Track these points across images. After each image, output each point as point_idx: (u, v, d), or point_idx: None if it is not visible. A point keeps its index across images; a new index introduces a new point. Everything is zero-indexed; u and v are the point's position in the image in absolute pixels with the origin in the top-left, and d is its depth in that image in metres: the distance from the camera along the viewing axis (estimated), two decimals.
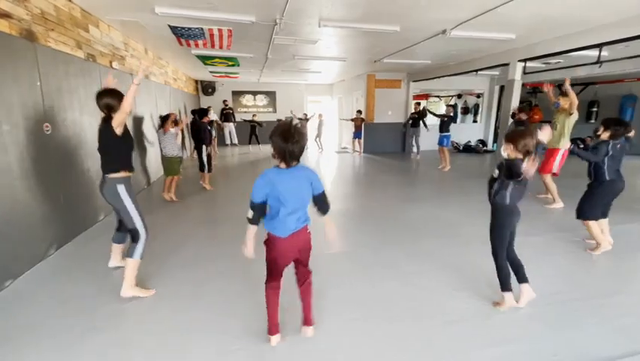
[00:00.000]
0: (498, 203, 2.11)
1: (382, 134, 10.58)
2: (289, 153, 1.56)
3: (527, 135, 1.95)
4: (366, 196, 5.39)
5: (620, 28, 4.48)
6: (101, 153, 2.35)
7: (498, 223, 2.15)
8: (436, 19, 4.61)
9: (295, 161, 1.62)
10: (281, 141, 1.55)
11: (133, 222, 2.38)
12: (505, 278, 2.19)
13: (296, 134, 1.55)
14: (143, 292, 2.42)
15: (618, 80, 9.69)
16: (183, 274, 2.73)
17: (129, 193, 2.37)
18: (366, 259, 3.03)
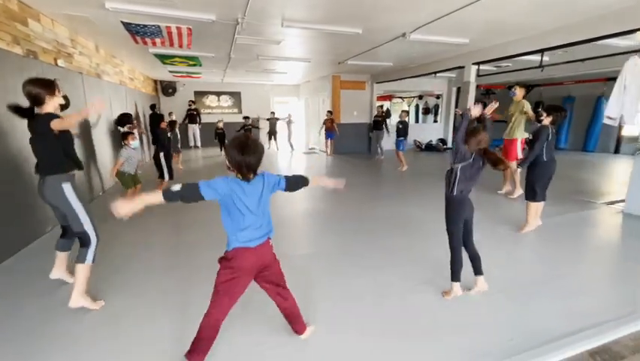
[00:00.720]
0: (449, 195, 2.27)
1: (349, 135, 10.74)
2: (246, 165, 1.51)
3: (479, 134, 2.12)
4: (335, 196, 5.43)
5: (559, 36, 4.92)
6: (37, 151, 2.14)
7: (450, 214, 2.30)
8: (396, 23, 4.77)
9: (252, 173, 1.55)
10: (237, 153, 1.48)
11: (81, 224, 2.19)
12: (456, 269, 2.31)
13: (252, 145, 1.50)
14: (92, 304, 2.23)
15: (559, 83, 10.64)
16: (140, 285, 2.57)
17: (75, 192, 2.19)
18: (335, 258, 3.06)
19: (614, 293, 2.48)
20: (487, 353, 1.80)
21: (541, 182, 3.35)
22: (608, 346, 1.85)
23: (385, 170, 8.01)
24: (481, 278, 2.37)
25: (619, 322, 2.04)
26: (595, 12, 4.26)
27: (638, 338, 1.92)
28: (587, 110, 10.30)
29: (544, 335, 1.94)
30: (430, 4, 3.95)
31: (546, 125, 3.27)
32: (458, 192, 2.22)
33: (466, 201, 2.27)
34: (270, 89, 13.46)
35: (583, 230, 3.78)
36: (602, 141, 10.25)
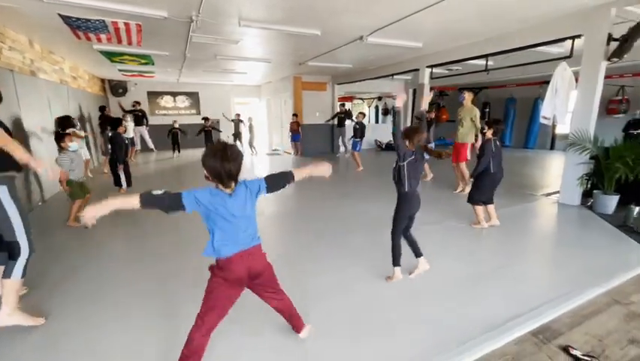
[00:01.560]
0: (399, 191, 2.48)
1: (312, 136, 10.79)
2: (226, 174, 1.41)
3: (420, 132, 2.38)
4: (300, 197, 5.43)
5: (500, 42, 5.34)
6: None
7: (398, 208, 2.50)
8: (353, 26, 4.88)
9: (233, 181, 1.46)
10: (215, 161, 1.39)
11: (14, 233, 1.96)
12: (397, 255, 2.54)
13: (231, 153, 1.41)
14: (30, 320, 2.01)
15: (503, 85, 11.55)
16: (90, 300, 2.37)
17: (13, 198, 1.95)
18: (303, 257, 3.05)
19: (553, 276, 2.74)
20: (443, 342, 1.89)
21: (484, 188, 3.61)
22: (548, 325, 2.04)
23: (348, 169, 8.15)
24: (421, 259, 2.63)
25: (557, 302, 2.26)
26: (530, 22, 4.70)
27: (574, 315, 2.14)
28: (526, 110, 11.29)
29: (494, 320, 2.08)
30: (384, 8, 4.10)
31: (489, 138, 3.51)
32: (409, 187, 2.42)
33: (415, 196, 2.47)
34: (230, 90, 13.11)
35: (526, 221, 4.13)
36: (540, 138, 11.30)
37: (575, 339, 1.91)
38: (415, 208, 2.50)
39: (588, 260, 2.93)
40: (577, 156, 4.34)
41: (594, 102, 4.24)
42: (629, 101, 8.66)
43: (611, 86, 8.73)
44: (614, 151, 4.06)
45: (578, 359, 1.73)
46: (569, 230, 3.82)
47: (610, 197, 4.11)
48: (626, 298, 2.33)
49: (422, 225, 3.75)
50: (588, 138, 4.23)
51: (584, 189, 4.47)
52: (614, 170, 4.01)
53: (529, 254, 3.20)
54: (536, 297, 2.33)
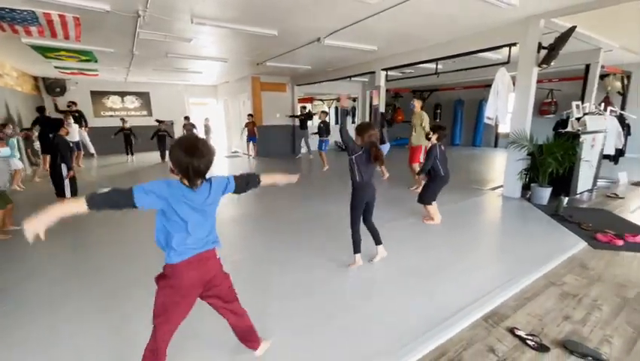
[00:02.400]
0: (354, 181, 2.61)
1: (273, 137, 10.67)
2: (194, 170, 1.31)
3: (371, 129, 2.54)
4: (262, 199, 5.33)
5: (449, 47, 5.70)
6: None
7: (353, 197, 2.65)
8: (310, 27, 4.91)
9: (201, 179, 1.37)
10: (184, 155, 1.29)
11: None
12: (356, 243, 2.71)
13: (203, 148, 1.33)
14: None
15: (452, 88, 12.35)
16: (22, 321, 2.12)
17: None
18: (265, 260, 2.99)
19: (499, 264, 2.97)
20: (406, 332, 1.96)
21: (433, 190, 3.84)
22: (496, 309, 2.21)
23: (312, 170, 8.18)
24: (380, 247, 2.83)
25: (503, 287, 2.45)
26: (473, 30, 5.07)
27: (518, 299, 2.34)
28: (473, 111, 12.18)
29: (449, 308, 2.21)
30: (339, 12, 4.18)
31: (434, 143, 3.73)
32: (360, 178, 2.57)
33: (368, 186, 2.62)
34: (185, 90, 12.51)
35: (475, 214, 4.44)
36: (485, 137, 12.25)
37: (519, 321, 2.09)
38: (369, 197, 2.66)
39: (528, 247, 3.23)
40: (516, 152, 4.77)
41: (529, 104, 4.69)
42: (557, 103, 9.71)
43: (543, 89, 9.72)
44: (547, 148, 4.52)
45: (522, 338, 1.89)
46: (512, 221, 4.18)
47: (544, 189, 4.57)
48: (560, 280, 2.60)
49: (384, 222, 3.88)
50: (525, 136, 4.67)
51: (523, 182, 4.92)
52: (546, 165, 4.46)
53: (479, 244, 3.45)
54: (486, 284, 2.51)
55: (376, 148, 2.49)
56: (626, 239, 3.26)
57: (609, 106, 6.23)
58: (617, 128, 5.81)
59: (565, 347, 1.83)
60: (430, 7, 4.03)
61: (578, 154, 4.55)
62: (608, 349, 1.84)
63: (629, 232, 3.38)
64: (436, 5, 3.96)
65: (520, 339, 1.90)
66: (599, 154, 5.27)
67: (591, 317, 2.12)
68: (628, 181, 5.86)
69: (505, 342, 1.89)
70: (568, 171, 4.58)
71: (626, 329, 2.01)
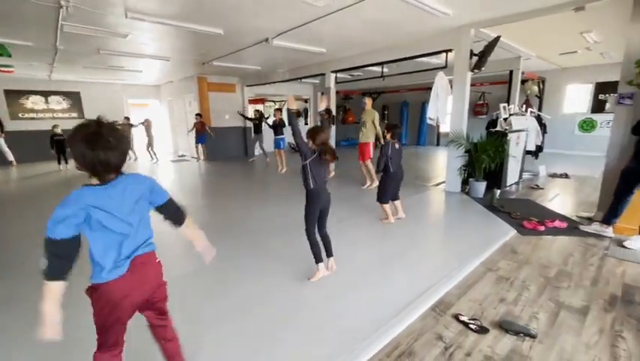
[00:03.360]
0: (306, 188, 2.54)
1: (223, 139, 10.29)
2: (102, 165, 1.12)
3: (322, 132, 2.48)
4: (214, 205, 5.10)
5: (393, 51, 5.98)
6: None
7: (307, 205, 2.56)
8: (258, 27, 4.81)
9: (113, 174, 1.18)
10: (86, 147, 1.09)
11: None
12: (317, 252, 2.60)
13: (110, 136, 1.12)
14: None
15: (397, 91, 13.01)
16: None
17: None
18: (219, 271, 2.84)
19: (444, 255, 3.19)
20: (358, 331, 2.01)
21: (388, 187, 3.97)
22: (443, 298, 2.37)
23: (267, 172, 8.04)
24: (331, 259, 2.72)
25: (448, 277, 2.63)
26: (413, 36, 5.38)
27: (461, 287, 2.53)
28: (417, 112, 12.96)
29: (401, 302, 2.31)
30: (286, 13, 4.16)
31: (388, 141, 3.89)
32: (314, 183, 2.49)
33: (323, 192, 2.55)
34: (122, 90, 11.51)
35: (422, 209, 4.72)
36: (428, 136, 13.11)
37: (463, 307, 2.26)
38: (324, 204, 2.58)
39: (468, 237, 3.51)
40: (455, 150, 5.17)
41: (465, 106, 5.11)
42: (489, 105, 10.74)
43: (476, 92, 10.68)
44: (481, 146, 4.97)
45: (465, 323, 2.05)
46: (453, 214, 4.52)
47: (480, 183, 5.02)
48: (495, 266, 2.87)
49: (336, 222, 3.95)
50: (462, 135, 5.09)
51: (462, 178, 5.35)
52: (481, 161, 4.90)
53: (426, 238, 3.67)
54: (433, 275, 2.67)
55: (328, 145, 2.48)
56: (547, 225, 3.70)
57: (529, 107, 7.05)
58: (536, 127, 6.61)
59: (501, 327, 2.01)
60: (371, 14, 4.19)
61: (506, 151, 5.07)
62: (536, 324, 2.07)
63: (549, 218, 3.85)
64: (377, 12, 4.12)
65: (463, 324, 2.05)
66: (522, 150, 5.93)
67: (521, 297, 2.37)
68: (546, 173, 6.69)
69: (451, 329, 2.03)
70: (498, 166, 5.08)
71: (549, 305, 2.27)
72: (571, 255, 3.06)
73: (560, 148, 9.66)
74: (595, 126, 9.21)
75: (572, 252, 3.12)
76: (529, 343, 1.89)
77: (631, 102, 3.57)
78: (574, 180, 6.30)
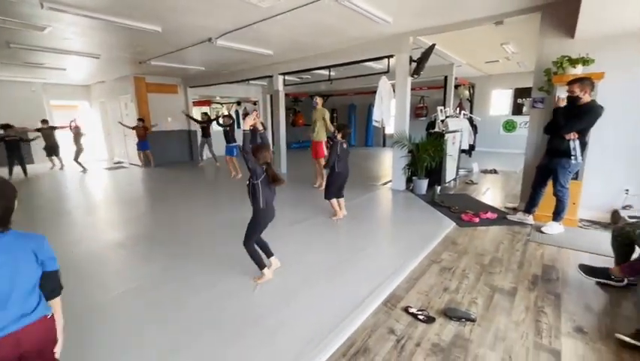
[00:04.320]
0: (255, 207, 2.51)
1: (166, 143, 9.64)
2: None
3: (265, 150, 2.43)
4: (156, 215, 4.73)
5: (339, 55, 6.13)
6: None
7: (254, 223, 2.55)
8: (200, 26, 4.60)
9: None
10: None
11: None
12: (258, 260, 2.61)
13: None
14: None
15: (345, 94, 13.39)
16: None
17: None
18: (162, 286, 2.64)
19: (393, 251, 3.35)
20: (314, 333, 2.02)
21: (334, 186, 4.09)
22: (393, 293, 2.48)
23: (217, 178, 7.69)
24: (273, 258, 2.75)
25: (397, 272, 2.77)
26: (357, 41, 5.58)
27: (409, 280, 2.67)
28: (364, 115, 13.47)
29: (355, 299, 2.37)
30: (229, 13, 4.04)
31: (338, 140, 3.99)
32: (264, 203, 2.47)
33: (270, 211, 2.56)
34: (43, 90, 10.15)
35: (371, 207, 4.90)
36: (375, 138, 13.70)
37: (411, 299, 2.39)
38: (270, 219, 2.61)
39: (414, 232, 3.73)
40: (399, 151, 5.48)
41: (406, 108, 5.44)
42: (428, 108, 11.56)
43: (416, 96, 11.42)
44: (422, 146, 5.33)
45: (414, 315, 2.17)
46: (400, 211, 4.78)
47: (422, 181, 5.38)
48: (439, 257, 3.09)
49: (290, 225, 3.92)
50: (405, 136, 5.40)
51: (406, 176, 5.67)
52: (422, 160, 5.25)
53: (376, 236, 3.81)
54: (383, 271, 2.79)
55: (271, 169, 2.45)
56: (481, 216, 4.09)
57: (462, 110, 7.74)
58: (469, 128, 7.28)
59: (446, 315, 2.17)
60: (317, 18, 4.26)
61: (444, 150, 5.49)
62: (475, 308, 2.26)
63: (482, 211, 4.25)
64: (322, 16, 4.20)
65: (413, 316, 2.17)
66: (458, 149, 6.48)
67: (462, 285, 2.58)
68: (479, 170, 7.40)
69: (401, 321, 2.13)
70: (438, 165, 5.48)
71: (485, 290, 2.51)
72: (501, 242, 3.41)
73: (488, 147, 10.75)
74: (515, 127, 10.43)
75: (502, 240, 3.48)
76: (469, 327, 2.07)
77: (542, 106, 4.10)
78: (501, 175, 7.06)
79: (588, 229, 3.71)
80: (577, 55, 3.63)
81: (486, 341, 1.94)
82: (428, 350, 1.86)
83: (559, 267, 2.86)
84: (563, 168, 3.42)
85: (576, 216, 3.79)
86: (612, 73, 3.52)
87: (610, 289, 2.47)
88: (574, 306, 2.28)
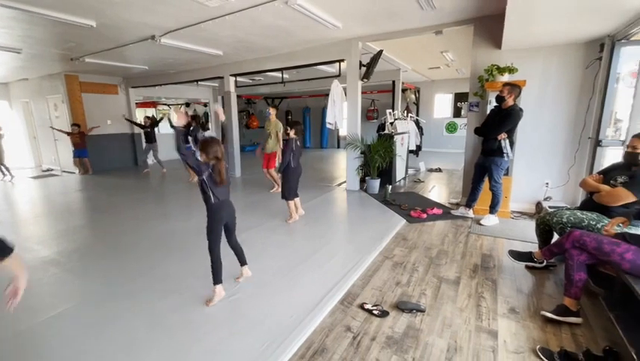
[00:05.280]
0: (207, 204, 2.36)
1: (106, 148, 8.85)
2: None
3: (215, 144, 2.30)
4: (94, 227, 4.32)
5: (292, 58, 6.14)
6: None
7: (210, 220, 2.38)
8: (141, 23, 4.31)
9: None
10: None
11: None
12: (217, 271, 2.39)
13: None
14: None
15: (299, 96, 13.45)
16: None
17: None
18: (99, 304, 2.41)
19: (349, 249, 3.43)
20: (273, 338, 2.00)
21: (291, 183, 4.09)
22: (349, 291, 2.55)
23: (165, 185, 7.22)
24: (245, 267, 2.69)
25: (352, 270, 2.85)
26: (309, 45, 5.65)
27: (364, 277, 2.76)
28: (318, 117, 13.64)
29: (312, 300, 2.39)
30: (173, 10, 3.85)
31: (292, 137, 3.99)
32: (216, 198, 2.35)
33: (226, 205, 2.43)
34: None
35: (327, 208, 4.98)
36: (330, 140, 13.94)
37: (367, 295, 2.48)
38: (228, 216, 2.47)
39: (368, 230, 3.87)
40: (353, 152, 5.64)
41: (358, 111, 5.62)
42: (378, 110, 12.06)
43: (367, 99, 11.87)
44: (373, 147, 5.55)
45: (369, 311, 2.25)
46: (354, 210, 4.92)
47: (375, 181, 5.60)
48: (391, 253, 3.24)
49: (244, 231, 3.83)
50: (358, 138, 5.58)
51: (360, 177, 5.86)
52: (374, 161, 5.48)
53: (332, 236, 3.87)
54: (339, 270, 2.85)
55: (221, 164, 2.31)
56: (428, 212, 4.37)
57: (409, 113, 8.22)
58: (415, 129, 7.74)
59: (398, 308, 2.28)
60: (267, 19, 4.23)
61: (393, 151, 5.78)
62: (425, 299, 2.41)
63: (429, 207, 4.55)
64: (273, 18, 4.18)
65: (368, 312, 2.24)
66: (406, 150, 6.86)
67: (412, 278, 2.74)
68: (426, 169, 7.90)
69: (357, 318, 2.20)
70: (388, 165, 5.75)
71: (433, 281, 2.69)
72: (446, 236, 3.68)
73: (433, 147, 11.52)
74: (457, 128, 11.32)
75: (447, 233, 3.76)
76: (420, 317, 2.20)
77: (477, 109, 4.52)
78: (445, 173, 7.61)
79: (518, 220, 4.15)
80: (504, 64, 4.06)
81: (435, 328, 2.08)
82: (383, 343, 1.94)
83: (495, 255, 3.16)
84: (496, 165, 3.80)
85: (508, 208, 4.23)
86: (531, 80, 4.02)
87: (535, 271, 2.80)
88: (508, 289, 2.54)
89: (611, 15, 2.99)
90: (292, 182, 4.07)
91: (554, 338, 1.97)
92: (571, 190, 4.17)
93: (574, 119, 4.06)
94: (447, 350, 1.88)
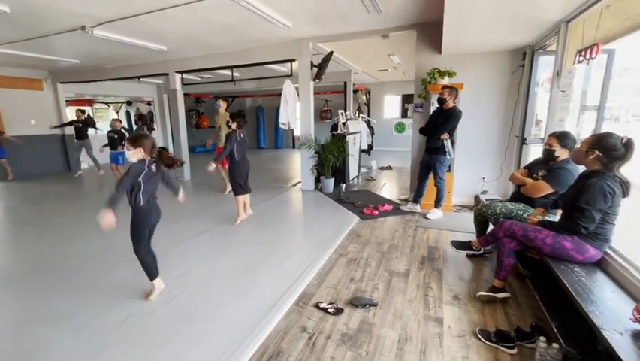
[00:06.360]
0: (135, 206, 2.24)
1: (31, 151, 7.82)
2: None
3: (147, 136, 2.25)
4: (16, 242, 3.79)
5: (242, 56, 5.97)
6: None
7: (137, 223, 2.27)
8: (67, 11, 3.86)
9: None
10: None
11: None
12: (151, 269, 2.38)
13: None
14: None
15: (252, 95, 13.16)
16: None
17: None
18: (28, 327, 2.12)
19: (303, 249, 3.43)
20: (227, 346, 1.92)
21: (239, 178, 3.97)
22: (305, 291, 2.55)
23: (102, 189, 6.57)
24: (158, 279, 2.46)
25: (308, 269, 2.85)
26: (259, 43, 5.54)
27: (319, 276, 2.78)
28: (272, 117, 13.47)
29: (267, 303, 2.35)
30: None
31: (234, 129, 3.88)
32: (146, 200, 2.23)
33: (154, 209, 2.34)
34: None
35: (282, 209, 4.93)
36: (285, 140, 13.85)
37: (322, 294, 2.49)
38: (155, 219, 2.37)
39: (323, 229, 3.90)
40: (307, 152, 5.66)
41: (311, 112, 5.65)
42: (331, 111, 12.26)
43: (320, 99, 11.99)
44: (327, 147, 5.62)
45: (324, 309, 2.27)
46: (309, 210, 4.94)
47: (329, 180, 5.68)
48: (345, 250, 3.30)
49: (193, 237, 3.64)
50: (311, 138, 5.61)
51: (315, 176, 5.90)
52: (328, 160, 5.55)
53: (287, 237, 3.84)
54: (295, 270, 2.83)
55: (166, 155, 2.24)
56: (379, 209, 4.54)
57: (361, 113, 8.47)
58: (366, 129, 8.00)
59: (352, 304, 2.33)
60: (214, 15, 4.06)
61: (346, 150, 5.91)
62: (377, 294, 2.50)
63: (380, 204, 4.73)
64: (219, 14, 4.01)
65: (323, 310, 2.26)
66: (358, 149, 7.06)
67: (365, 274, 2.82)
68: (377, 167, 8.21)
69: (313, 318, 2.20)
70: (342, 164, 5.87)
71: (385, 275, 2.79)
72: (396, 230, 3.86)
73: (383, 146, 12.01)
74: (405, 128, 11.92)
75: (397, 228, 3.94)
76: (373, 311, 2.27)
77: (422, 110, 4.80)
78: (395, 170, 7.97)
79: (460, 212, 4.50)
80: (444, 68, 4.37)
81: (387, 321, 2.16)
82: (338, 341, 1.97)
83: (440, 247, 3.38)
84: (439, 163, 4.07)
85: (451, 202, 4.56)
86: (467, 83, 4.37)
87: (474, 259, 3.05)
88: (452, 278, 2.73)
89: (530, 27, 3.36)
90: (238, 177, 3.94)
91: (491, 319, 2.16)
92: (503, 184, 4.62)
93: (503, 120, 4.51)
94: (398, 341, 1.97)
